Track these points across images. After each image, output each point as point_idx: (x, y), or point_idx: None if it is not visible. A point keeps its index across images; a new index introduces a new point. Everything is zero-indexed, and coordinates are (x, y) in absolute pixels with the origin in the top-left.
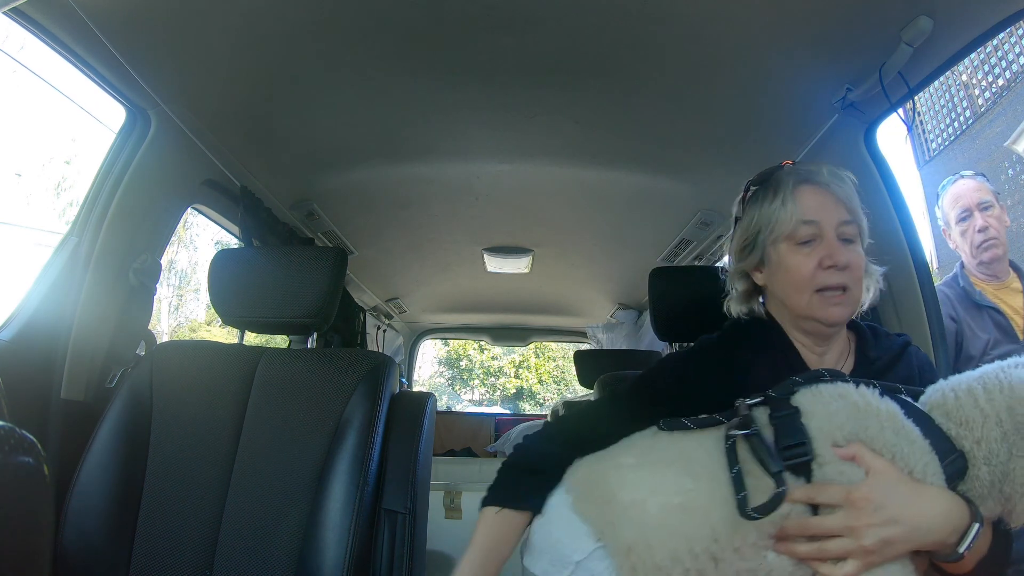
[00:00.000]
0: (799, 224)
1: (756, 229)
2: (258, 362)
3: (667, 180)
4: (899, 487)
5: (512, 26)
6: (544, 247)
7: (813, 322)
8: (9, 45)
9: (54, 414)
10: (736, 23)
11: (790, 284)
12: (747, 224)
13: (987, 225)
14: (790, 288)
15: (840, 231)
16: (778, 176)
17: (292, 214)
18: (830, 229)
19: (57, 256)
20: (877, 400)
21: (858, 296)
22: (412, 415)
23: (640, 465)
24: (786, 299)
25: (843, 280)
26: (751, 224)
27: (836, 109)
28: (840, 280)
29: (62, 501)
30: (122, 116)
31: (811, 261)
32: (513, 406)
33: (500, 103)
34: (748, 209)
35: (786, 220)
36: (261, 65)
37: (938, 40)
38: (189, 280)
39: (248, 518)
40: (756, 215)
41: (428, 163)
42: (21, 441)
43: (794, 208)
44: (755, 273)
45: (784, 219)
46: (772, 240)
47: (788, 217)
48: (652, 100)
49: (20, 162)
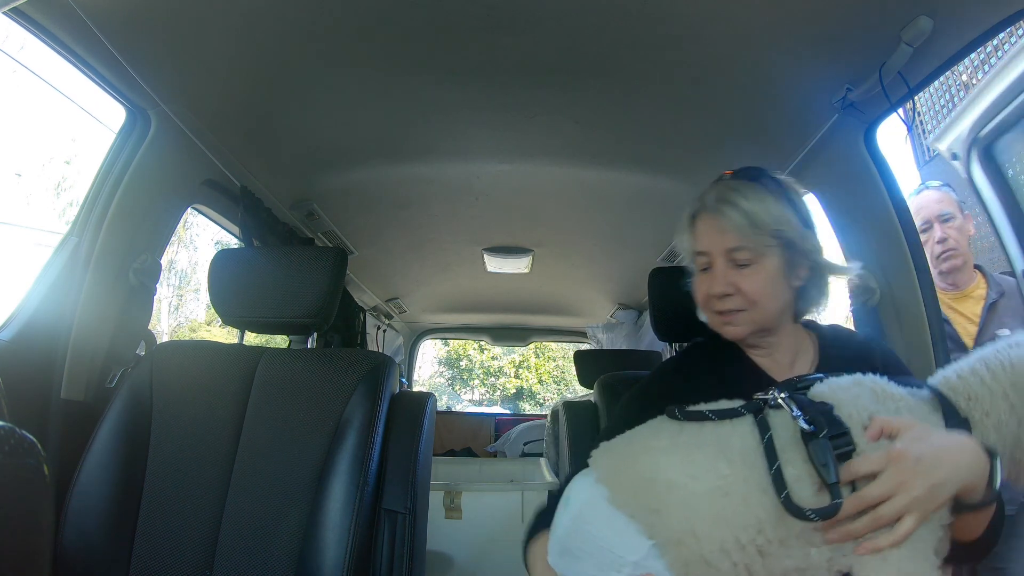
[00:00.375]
0: (694, 255)
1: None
2: (258, 362)
3: (667, 180)
4: (930, 436)
5: (512, 26)
6: (544, 247)
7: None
8: (9, 45)
9: (54, 414)
10: (736, 23)
11: (698, 305)
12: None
13: (946, 236)
14: (700, 308)
15: (731, 257)
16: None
17: (292, 214)
18: (718, 258)
19: (57, 256)
20: (888, 384)
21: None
22: (412, 415)
23: (673, 448)
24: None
25: (732, 305)
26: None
27: (836, 109)
28: (728, 305)
29: (62, 501)
30: (122, 116)
31: (704, 288)
32: (513, 406)
33: (500, 103)
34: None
35: (687, 251)
36: (261, 65)
37: (938, 40)
38: (189, 280)
39: (248, 518)
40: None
41: (428, 163)
42: (21, 441)
43: (691, 240)
44: None
45: (686, 250)
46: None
47: (688, 248)
48: (652, 100)
49: (20, 162)
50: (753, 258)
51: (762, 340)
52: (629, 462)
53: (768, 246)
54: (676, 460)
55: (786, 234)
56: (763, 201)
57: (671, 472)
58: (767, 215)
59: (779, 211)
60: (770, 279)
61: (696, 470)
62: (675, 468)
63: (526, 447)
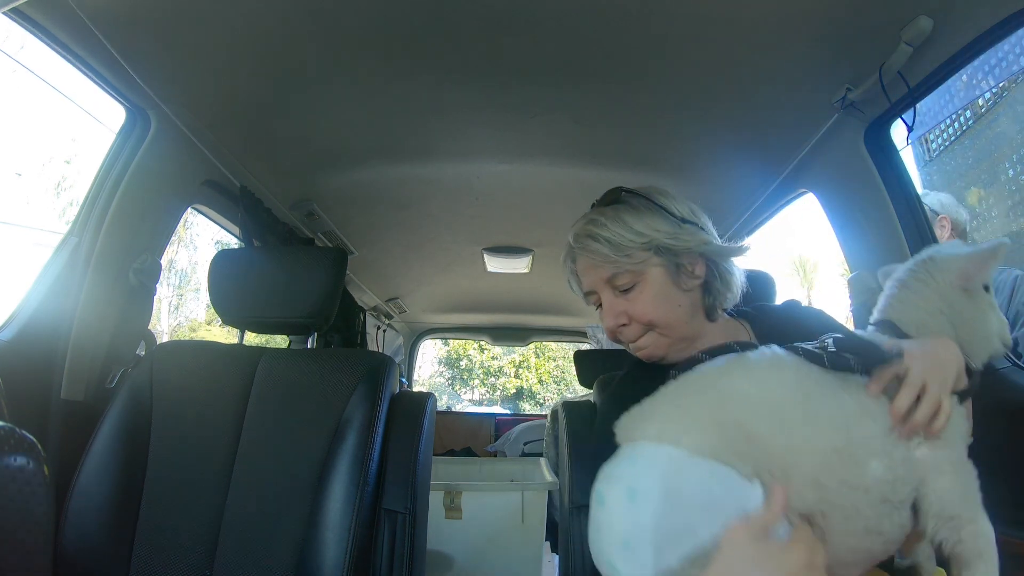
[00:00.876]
0: (585, 297)
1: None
2: (258, 362)
3: (667, 180)
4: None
5: (512, 26)
6: (544, 247)
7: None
8: (9, 45)
9: (54, 414)
10: (736, 23)
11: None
12: None
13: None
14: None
15: (614, 286)
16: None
17: (292, 214)
18: (603, 291)
19: (57, 256)
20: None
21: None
22: (412, 415)
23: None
24: None
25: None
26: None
27: (836, 109)
28: (630, 335)
29: (62, 501)
30: (122, 116)
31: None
32: (513, 406)
33: (500, 103)
34: None
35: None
36: (261, 65)
37: (938, 40)
38: (189, 280)
39: (248, 518)
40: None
41: (428, 163)
42: (21, 441)
43: (576, 284)
44: None
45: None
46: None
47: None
48: (652, 100)
49: (20, 162)
50: (634, 279)
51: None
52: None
53: (643, 262)
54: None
55: (656, 242)
56: (620, 221)
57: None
58: (629, 232)
59: (642, 224)
60: (658, 294)
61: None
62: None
63: (526, 447)
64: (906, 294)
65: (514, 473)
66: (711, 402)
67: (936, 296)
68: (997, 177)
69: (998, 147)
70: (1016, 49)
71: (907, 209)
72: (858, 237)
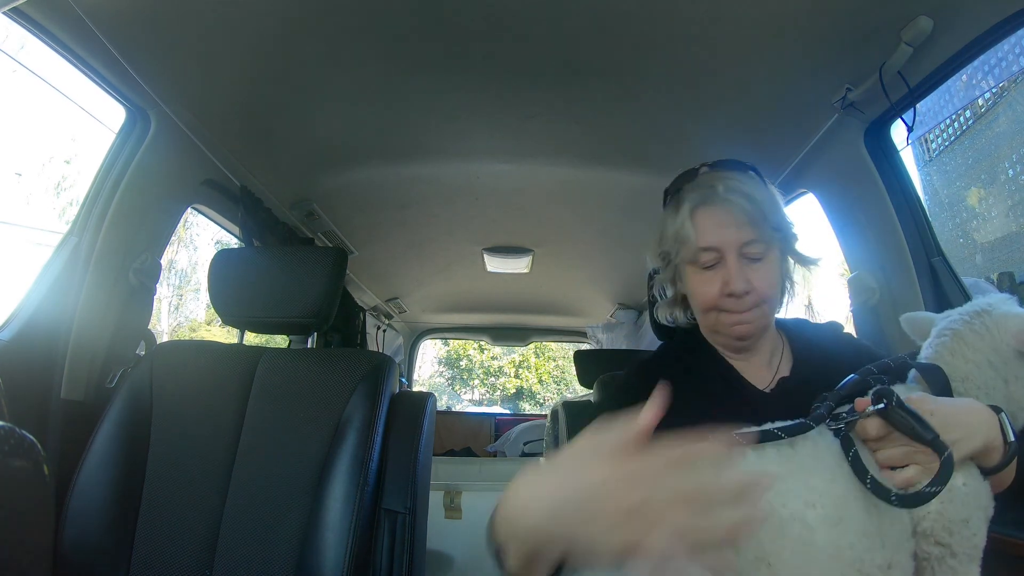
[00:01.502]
0: (699, 252)
1: (667, 248)
2: (258, 362)
3: (667, 180)
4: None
5: (512, 26)
6: (544, 247)
7: (724, 338)
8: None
9: (54, 414)
10: (736, 23)
11: (696, 305)
12: (659, 239)
13: None
14: (697, 308)
15: (743, 252)
16: (682, 192)
17: (292, 214)
18: (731, 253)
19: (57, 256)
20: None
21: (770, 310)
22: (412, 415)
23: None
24: (697, 316)
25: (745, 304)
26: (662, 240)
27: (836, 109)
28: (741, 305)
29: (62, 501)
30: (122, 116)
31: (714, 287)
32: (513, 406)
33: (500, 103)
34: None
35: (689, 246)
36: (261, 65)
37: (938, 40)
38: (189, 280)
39: (248, 518)
40: (665, 232)
41: (428, 163)
42: (21, 441)
43: (694, 234)
44: (672, 285)
45: (687, 245)
46: (680, 261)
47: (690, 243)
48: (652, 100)
49: (20, 162)
50: (764, 252)
51: (756, 342)
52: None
53: (772, 239)
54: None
55: (786, 226)
56: (771, 193)
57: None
58: (772, 206)
59: (777, 202)
60: (778, 274)
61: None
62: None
63: (526, 447)
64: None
65: (514, 473)
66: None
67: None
68: (997, 177)
69: (998, 147)
70: (1016, 49)
71: (907, 209)
72: (858, 237)
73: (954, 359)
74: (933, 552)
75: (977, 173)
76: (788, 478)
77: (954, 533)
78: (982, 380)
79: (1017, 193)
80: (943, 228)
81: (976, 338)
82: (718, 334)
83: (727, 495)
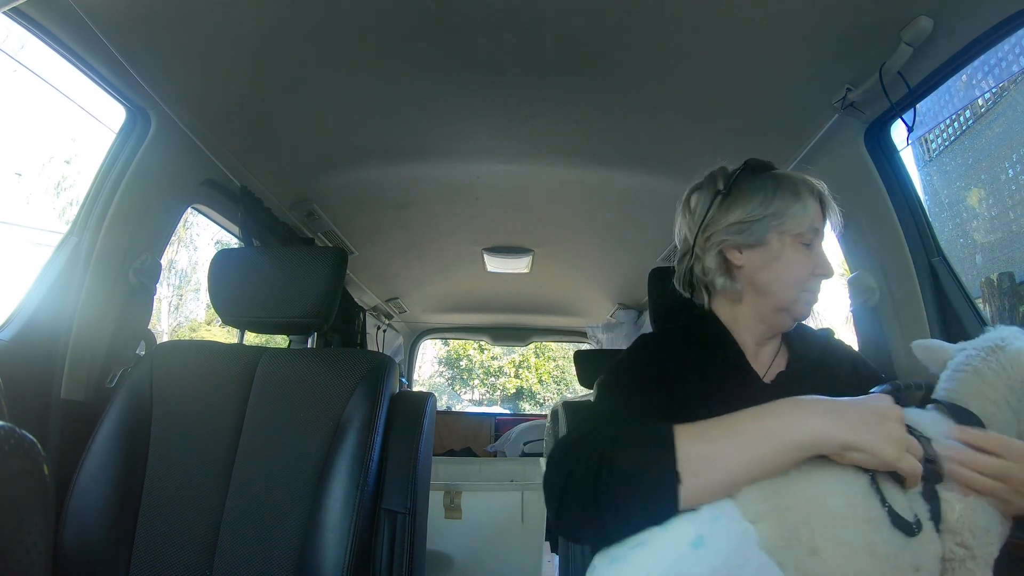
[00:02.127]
0: (811, 229)
1: (765, 214)
2: (258, 362)
3: (667, 180)
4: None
5: (512, 26)
6: (544, 247)
7: (784, 316)
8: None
9: (54, 414)
10: (736, 23)
11: (785, 276)
12: (754, 205)
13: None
14: (783, 280)
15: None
16: (791, 178)
17: (292, 214)
18: (820, 243)
19: (57, 256)
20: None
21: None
22: (412, 415)
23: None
24: (769, 288)
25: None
26: (760, 206)
27: (836, 109)
28: (819, 288)
29: (62, 501)
30: (122, 116)
31: (809, 264)
32: (513, 406)
33: (500, 103)
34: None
35: (803, 220)
36: (261, 65)
37: (938, 40)
38: (189, 280)
39: (248, 518)
40: (768, 201)
41: (428, 163)
42: (21, 441)
43: (811, 213)
44: (734, 252)
45: (801, 218)
46: (780, 231)
47: (806, 219)
48: (652, 100)
49: (20, 162)
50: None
51: (790, 328)
52: (799, 514)
53: None
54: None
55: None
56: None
57: (834, 502)
58: None
59: None
60: None
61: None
62: (837, 498)
63: (526, 447)
64: (980, 384)
65: (514, 473)
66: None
67: (1006, 390)
68: (997, 177)
69: (998, 147)
70: (1016, 49)
71: (907, 209)
72: (858, 237)
73: (980, 400)
74: (957, 553)
75: (977, 173)
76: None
77: (977, 536)
78: (1002, 420)
79: (1017, 193)
80: (943, 228)
81: (994, 376)
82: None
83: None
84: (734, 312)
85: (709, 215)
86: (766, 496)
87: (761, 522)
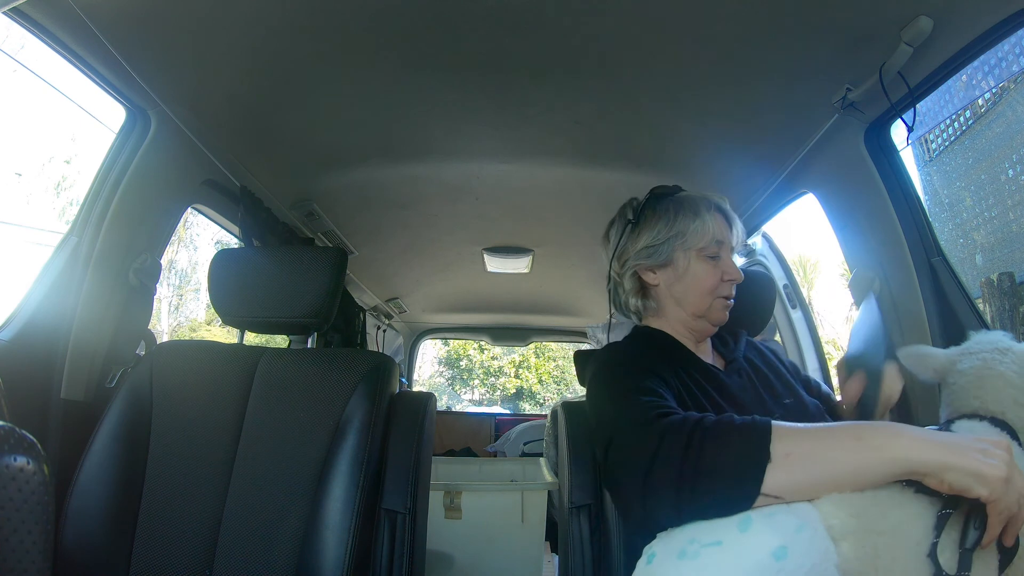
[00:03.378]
0: (712, 242)
1: (669, 235)
2: (258, 362)
3: (667, 180)
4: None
5: (512, 26)
6: (544, 247)
7: (703, 322)
8: (9, 45)
9: (54, 414)
10: (736, 23)
11: (695, 289)
12: (659, 229)
13: None
14: (694, 292)
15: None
16: (691, 198)
17: (292, 214)
18: (727, 251)
19: (57, 256)
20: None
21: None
22: (412, 415)
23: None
24: (684, 299)
25: (732, 292)
26: (663, 230)
27: (836, 109)
28: (731, 292)
29: (62, 501)
30: (122, 116)
31: (716, 274)
32: (513, 406)
33: (500, 102)
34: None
35: (703, 236)
36: (261, 65)
37: (938, 40)
38: (189, 280)
39: (248, 518)
40: (670, 224)
41: (428, 163)
42: (21, 441)
43: (711, 228)
44: (648, 273)
45: (702, 234)
46: (684, 248)
47: (706, 234)
48: (652, 100)
49: (20, 162)
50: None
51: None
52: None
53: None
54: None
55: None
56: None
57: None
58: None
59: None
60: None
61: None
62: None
63: (526, 447)
64: (1002, 384)
65: (514, 473)
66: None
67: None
68: (997, 177)
69: (998, 147)
70: (1016, 49)
71: (907, 209)
72: (858, 237)
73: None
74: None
75: (977, 173)
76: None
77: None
78: (1019, 420)
79: (1017, 193)
80: (943, 228)
81: (1015, 376)
82: (701, 319)
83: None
84: (662, 324)
85: (621, 244)
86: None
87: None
